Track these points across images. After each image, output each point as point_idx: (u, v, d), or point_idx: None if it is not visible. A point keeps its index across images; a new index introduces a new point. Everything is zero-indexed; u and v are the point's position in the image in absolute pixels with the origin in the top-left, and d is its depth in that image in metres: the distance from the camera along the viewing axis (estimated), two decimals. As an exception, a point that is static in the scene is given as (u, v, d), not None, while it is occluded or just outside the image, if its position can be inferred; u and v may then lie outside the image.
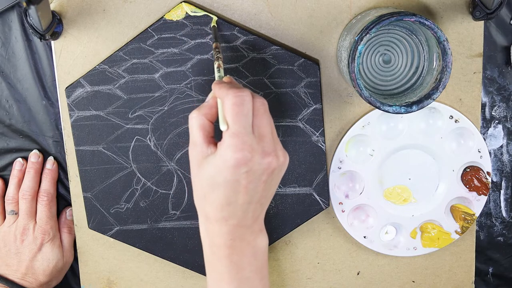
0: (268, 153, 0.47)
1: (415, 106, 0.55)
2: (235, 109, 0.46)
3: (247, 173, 0.46)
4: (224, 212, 0.48)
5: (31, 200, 0.65)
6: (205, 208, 0.49)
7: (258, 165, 0.47)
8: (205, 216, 0.50)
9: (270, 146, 0.48)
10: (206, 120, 0.49)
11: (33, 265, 0.65)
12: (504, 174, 0.69)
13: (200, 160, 0.48)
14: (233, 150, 0.46)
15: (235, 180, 0.46)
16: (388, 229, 0.68)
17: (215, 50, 0.55)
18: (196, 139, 0.49)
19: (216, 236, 0.50)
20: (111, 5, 0.62)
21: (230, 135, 0.46)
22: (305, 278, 0.69)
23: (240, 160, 0.46)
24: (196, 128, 0.49)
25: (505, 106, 0.67)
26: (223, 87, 0.48)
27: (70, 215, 0.68)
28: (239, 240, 0.50)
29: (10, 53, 0.65)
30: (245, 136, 0.46)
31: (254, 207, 0.49)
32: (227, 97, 0.47)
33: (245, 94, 0.47)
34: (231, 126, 0.46)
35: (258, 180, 0.48)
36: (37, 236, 0.65)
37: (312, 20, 0.62)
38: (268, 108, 0.49)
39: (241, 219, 0.49)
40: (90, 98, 0.62)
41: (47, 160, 0.66)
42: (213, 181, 0.47)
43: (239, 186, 0.47)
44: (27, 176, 0.65)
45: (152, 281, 0.69)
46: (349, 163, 0.65)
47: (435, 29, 0.53)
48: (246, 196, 0.48)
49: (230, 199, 0.47)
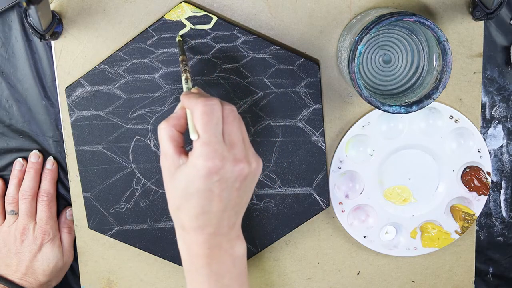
0: (240, 160, 0.47)
1: (415, 106, 0.55)
2: (204, 118, 0.46)
3: (220, 181, 0.47)
4: (200, 221, 0.48)
5: (31, 200, 0.65)
6: (180, 218, 0.49)
7: (230, 172, 0.47)
8: (181, 226, 0.50)
9: (241, 153, 0.48)
10: (175, 131, 0.49)
11: (33, 265, 0.65)
12: (504, 174, 0.69)
13: (172, 171, 0.48)
14: (204, 159, 0.46)
15: (208, 189, 0.47)
16: (388, 229, 0.68)
17: (182, 63, 0.56)
18: (167, 150, 0.48)
19: (194, 246, 0.50)
20: (111, 5, 0.62)
21: (201, 144, 0.46)
22: (305, 278, 0.69)
23: (211, 168, 0.46)
24: (166, 139, 0.49)
25: (505, 106, 0.67)
26: (191, 97, 0.48)
27: (70, 215, 0.68)
28: (217, 248, 0.50)
29: (10, 53, 0.65)
30: (216, 145, 0.46)
31: (229, 214, 0.49)
32: (196, 106, 0.47)
33: (213, 103, 0.47)
34: (201, 135, 0.46)
35: (231, 188, 0.48)
36: (37, 236, 0.65)
37: (312, 20, 0.62)
38: (238, 114, 0.49)
39: (217, 228, 0.49)
40: (90, 98, 0.62)
41: (47, 160, 0.66)
42: (186, 191, 0.47)
43: (213, 195, 0.47)
44: (27, 176, 0.65)
45: (152, 281, 0.69)
46: (349, 163, 0.65)
47: (435, 29, 0.53)
48: (220, 204, 0.48)
49: (204, 208, 0.47)
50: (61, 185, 0.68)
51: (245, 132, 0.50)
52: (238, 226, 0.51)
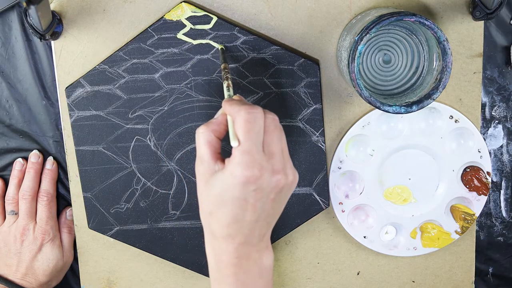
0: (278, 171, 0.47)
1: (415, 106, 0.55)
2: (247, 126, 0.46)
3: (256, 191, 0.46)
4: (231, 230, 0.48)
5: (31, 200, 0.65)
6: (211, 225, 0.49)
7: (267, 183, 0.46)
8: (211, 233, 0.49)
9: (279, 164, 0.47)
10: (214, 137, 0.49)
11: (33, 265, 0.65)
12: (504, 174, 0.69)
13: (207, 177, 0.48)
14: (243, 167, 0.45)
15: (243, 197, 0.46)
16: (388, 229, 0.68)
17: (224, 71, 0.56)
18: (204, 155, 0.48)
19: (223, 254, 0.49)
20: (111, 5, 0.62)
21: (241, 152, 0.46)
22: (305, 278, 0.69)
23: (249, 178, 0.45)
24: (204, 144, 0.48)
25: (505, 106, 0.67)
26: (234, 104, 0.48)
27: (70, 215, 0.68)
28: (246, 258, 0.49)
29: (10, 53, 0.65)
30: (256, 154, 0.46)
31: (260, 225, 0.48)
32: (239, 113, 0.46)
33: (257, 111, 0.46)
34: (242, 143, 0.46)
35: (266, 198, 0.47)
36: (37, 236, 0.65)
37: (312, 20, 0.62)
38: (280, 124, 0.49)
39: (248, 237, 0.48)
40: (90, 98, 0.62)
41: (47, 160, 0.67)
42: (221, 198, 0.47)
43: (247, 204, 0.46)
44: (27, 176, 0.65)
45: (152, 281, 0.69)
46: (349, 163, 0.65)
47: (435, 29, 0.53)
48: (253, 214, 0.47)
49: (237, 216, 0.47)
50: (61, 185, 0.68)
51: (285, 143, 0.49)
52: (268, 237, 0.51)
